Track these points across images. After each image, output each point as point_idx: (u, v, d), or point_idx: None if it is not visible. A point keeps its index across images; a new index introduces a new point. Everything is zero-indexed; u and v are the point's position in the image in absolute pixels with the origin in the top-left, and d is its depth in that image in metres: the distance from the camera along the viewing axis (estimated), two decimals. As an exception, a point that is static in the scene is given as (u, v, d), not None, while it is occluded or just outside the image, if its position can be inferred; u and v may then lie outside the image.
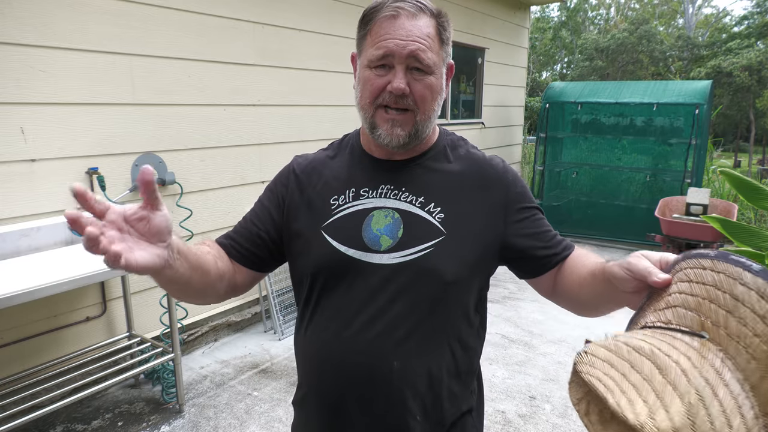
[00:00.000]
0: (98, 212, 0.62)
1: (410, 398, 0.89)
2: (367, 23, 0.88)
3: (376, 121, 0.88)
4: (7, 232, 2.22)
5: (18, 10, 2.22)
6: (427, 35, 0.85)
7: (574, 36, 23.94)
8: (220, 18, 3.03)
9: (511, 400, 2.72)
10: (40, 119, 2.34)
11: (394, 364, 0.87)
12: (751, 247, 2.14)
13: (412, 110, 0.87)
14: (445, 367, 0.92)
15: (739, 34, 17.99)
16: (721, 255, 0.59)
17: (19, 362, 2.39)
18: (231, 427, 2.46)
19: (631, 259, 0.68)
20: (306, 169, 0.99)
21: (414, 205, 0.91)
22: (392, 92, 0.84)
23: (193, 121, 2.98)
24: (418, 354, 0.89)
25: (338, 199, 0.93)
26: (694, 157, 5.21)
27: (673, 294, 0.60)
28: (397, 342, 0.88)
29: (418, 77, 0.85)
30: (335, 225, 0.91)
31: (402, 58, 0.84)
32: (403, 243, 0.88)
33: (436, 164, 0.95)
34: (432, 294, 0.88)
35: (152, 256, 0.65)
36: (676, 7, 24.20)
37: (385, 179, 0.93)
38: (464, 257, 0.90)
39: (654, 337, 0.56)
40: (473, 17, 5.62)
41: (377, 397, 0.88)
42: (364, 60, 0.88)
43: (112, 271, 2.14)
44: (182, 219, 2.95)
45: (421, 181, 0.93)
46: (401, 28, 0.83)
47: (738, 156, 15.85)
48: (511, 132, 6.96)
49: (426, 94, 0.87)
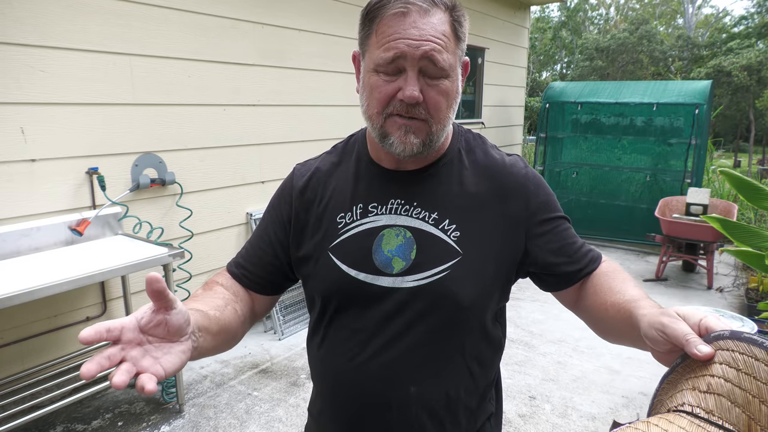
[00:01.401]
0: (114, 339, 0.57)
1: (428, 421, 0.86)
2: (372, 20, 0.77)
3: (387, 129, 0.79)
4: (7, 232, 2.22)
5: (18, 10, 2.22)
6: (443, 33, 0.75)
7: (574, 36, 23.94)
8: (220, 18, 3.03)
9: (511, 400, 2.72)
10: (40, 119, 2.34)
11: (411, 390, 0.84)
12: (751, 247, 2.13)
13: (425, 120, 0.77)
14: (464, 387, 0.88)
15: (738, 34, 18.00)
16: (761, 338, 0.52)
17: (19, 362, 2.40)
18: (231, 427, 2.46)
19: (664, 320, 0.60)
20: (309, 182, 0.92)
21: (427, 222, 0.84)
22: (404, 100, 0.75)
23: (193, 121, 2.98)
24: (435, 377, 0.85)
25: (345, 216, 0.86)
26: (694, 157, 5.21)
27: (716, 377, 0.53)
28: (414, 367, 0.84)
29: (432, 82, 0.76)
30: (343, 246, 0.85)
31: (415, 61, 0.74)
32: (417, 265, 0.82)
33: (450, 174, 0.87)
34: (449, 318, 0.84)
35: (179, 355, 0.62)
36: (676, 7, 24.20)
37: (395, 192, 0.86)
38: (482, 279, 0.84)
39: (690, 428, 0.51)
40: (473, 17, 5.61)
41: (394, 421, 0.86)
42: (370, 63, 0.77)
43: (112, 271, 2.14)
44: (182, 219, 2.95)
45: (434, 195, 0.85)
46: (413, 26, 0.73)
47: (738, 156, 15.84)
48: (511, 132, 6.96)
49: (441, 102, 0.77)
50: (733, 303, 4.12)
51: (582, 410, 2.64)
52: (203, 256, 3.10)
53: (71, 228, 2.43)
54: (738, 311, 3.70)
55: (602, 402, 2.72)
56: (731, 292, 4.37)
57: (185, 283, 2.94)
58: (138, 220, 2.75)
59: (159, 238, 2.82)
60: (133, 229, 2.74)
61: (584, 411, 2.64)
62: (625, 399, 2.75)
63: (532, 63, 21.97)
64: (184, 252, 2.46)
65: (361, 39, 0.81)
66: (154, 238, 2.80)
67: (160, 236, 2.84)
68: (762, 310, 2.55)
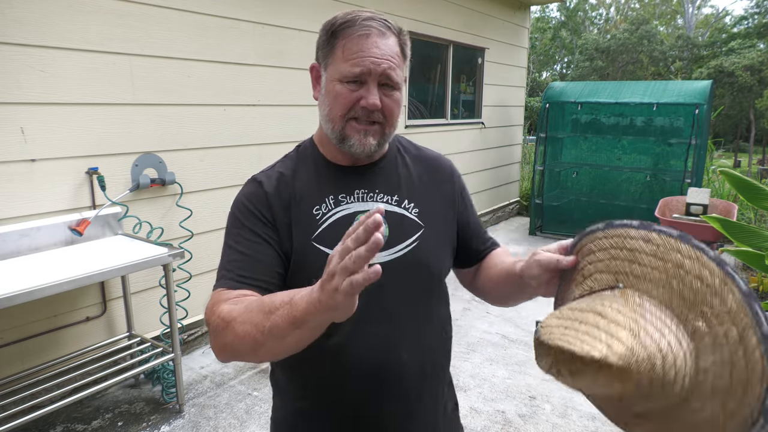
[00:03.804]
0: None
1: (422, 386, 0.97)
2: (336, 37, 0.90)
3: (347, 132, 0.92)
4: (7, 232, 2.22)
5: (18, 11, 2.22)
6: (396, 53, 0.91)
7: (574, 36, 23.94)
8: (220, 18, 3.03)
9: (511, 400, 2.72)
10: (40, 119, 2.34)
11: (404, 356, 0.94)
12: (751, 247, 2.13)
13: (381, 123, 0.92)
14: (441, 351, 1.03)
15: (738, 34, 18.00)
16: (608, 224, 0.75)
17: (19, 362, 2.40)
18: (231, 427, 2.46)
19: (537, 257, 0.82)
20: (279, 185, 0.96)
21: (391, 203, 0.98)
22: (366, 107, 0.89)
23: (193, 121, 2.98)
24: (419, 343, 0.96)
25: (321, 208, 0.94)
26: (694, 157, 5.21)
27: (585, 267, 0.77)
28: (401, 335, 0.94)
29: (388, 93, 0.91)
30: (325, 234, 0.93)
31: (376, 76, 0.89)
32: (392, 241, 0.94)
33: (397, 165, 1.03)
34: (423, 285, 0.98)
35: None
36: (676, 7, 24.19)
37: (357, 184, 0.98)
38: (442, 246, 1.01)
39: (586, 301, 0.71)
40: (473, 17, 5.61)
41: (390, 390, 0.94)
42: (335, 74, 0.90)
43: (111, 271, 2.14)
44: (182, 219, 2.95)
45: (390, 182, 1.00)
46: (375, 46, 0.88)
47: (738, 156, 15.84)
48: (511, 132, 6.95)
49: (394, 109, 0.93)
50: (733, 303, 4.12)
51: (582, 410, 2.64)
52: (203, 256, 3.10)
53: (71, 228, 2.43)
54: (738, 311, 3.70)
55: (602, 402, 2.72)
56: (731, 292, 4.37)
57: (185, 283, 2.94)
58: (138, 220, 2.75)
59: (159, 238, 2.82)
60: (133, 229, 2.74)
61: (584, 411, 2.64)
62: (625, 399, 2.75)
63: (532, 63, 21.97)
64: (184, 252, 2.46)
65: (324, 52, 0.94)
66: (154, 238, 2.80)
67: (160, 236, 2.84)
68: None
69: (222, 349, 0.79)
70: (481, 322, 3.71)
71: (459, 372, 3.00)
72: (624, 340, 0.61)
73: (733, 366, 0.60)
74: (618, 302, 0.67)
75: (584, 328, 0.64)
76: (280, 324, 0.69)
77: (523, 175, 7.92)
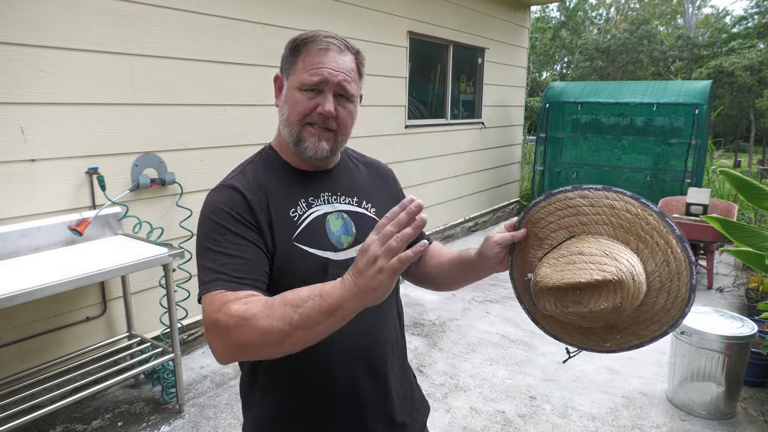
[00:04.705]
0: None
1: (393, 362, 1.09)
2: (299, 51, 1.00)
3: (303, 135, 1.00)
4: (7, 232, 2.22)
5: (18, 11, 2.22)
6: (352, 69, 1.00)
7: (574, 36, 23.94)
8: (220, 18, 3.03)
9: (511, 400, 2.72)
10: (40, 119, 2.34)
11: (381, 339, 1.06)
12: (751, 247, 2.13)
13: (335, 131, 1.01)
14: (400, 333, 1.16)
15: (738, 34, 18.00)
16: (547, 194, 0.94)
17: (19, 362, 2.40)
18: (231, 427, 2.46)
19: (492, 239, 0.99)
20: (253, 188, 1.01)
21: (353, 204, 1.08)
22: (322, 114, 0.97)
23: (193, 121, 2.98)
24: (385, 328, 1.08)
25: (297, 210, 1.02)
26: (694, 157, 5.21)
27: (539, 232, 0.95)
28: (374, 321, 1.04)
29: (343, 103, 1.00)
30: (305, 234, 1.00)
31: (332, 86, 0.97)
32: (360, 238, 1.04)
33: (350, 170, 1.14)
34: None
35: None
36: (676, 7, 24.20)
37: (321, 188, 1.06)
38: None
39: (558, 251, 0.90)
40: (473, 17, 5.61)
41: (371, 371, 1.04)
42: (295, 82, 1.00)
43: (111, 271, 2.14)
44: (182, 219, 2.95)
45: (348, 185, 1.10)
46: (333, 60, 0.97)
47: (738, 156, 15.84)
48: (511, 132, 6.95)
49: (347, 120, 1.02)
50: (733, 303, 4.12)
51: (582, 410, 2.64)
52: (203, 256, 3.10)
53: (71, 228, 2.43)
54: (738, 311, 3.70)
55: (602, 402, 2.72)
56: (731, 292, 4.37)
57: (185, 283, 2.94)
58: (138, 220, 2.75)
59: (159, 238, 2.82)
60: (133, 229, 2.74)
61: (584, 411, 2.64)
62: (625, 399, 2.75)
63: (532, 63, 21.97)
64: (184, 252, 2.46)
65: (288, 64, 1.03)
66: (154, 238, 2.80)
67: (160, 236, 2.84)
68: (762, 310, 2.55)
69: (236, 345, 0.81)
70: (481, 322, 3.71)
71: (459, 372, 3.00)
72: (609, 264, 0.82)
73: (667, 263, 0.85)
74: (583, 243, 0.88)
75: (576, 266, 0.85)
76: (311, 314, 0.76)
77: (523, 175, 7.91)
